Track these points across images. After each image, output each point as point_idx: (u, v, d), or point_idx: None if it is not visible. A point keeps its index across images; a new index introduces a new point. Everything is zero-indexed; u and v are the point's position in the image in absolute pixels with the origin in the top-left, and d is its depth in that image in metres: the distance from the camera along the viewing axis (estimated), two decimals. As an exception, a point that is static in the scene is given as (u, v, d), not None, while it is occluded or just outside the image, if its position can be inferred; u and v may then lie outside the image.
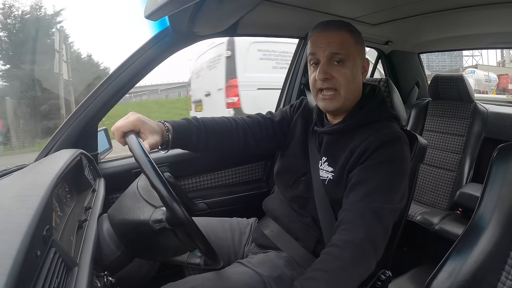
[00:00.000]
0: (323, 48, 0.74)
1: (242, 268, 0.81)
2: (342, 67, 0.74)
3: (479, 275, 0.63)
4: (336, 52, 0.73)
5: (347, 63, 0.74)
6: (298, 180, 0.86)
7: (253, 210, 1.03)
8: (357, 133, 0.76)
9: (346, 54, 0.74)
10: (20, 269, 0.36)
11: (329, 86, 0.75)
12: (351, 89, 0.76)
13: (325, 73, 0.74)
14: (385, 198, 0.67)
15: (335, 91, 0.75)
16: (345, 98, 0.76)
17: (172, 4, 0.65)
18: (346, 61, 0.74)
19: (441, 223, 1.39)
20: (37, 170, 0.70)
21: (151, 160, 0.59)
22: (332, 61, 0.74)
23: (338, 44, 0.73)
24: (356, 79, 0.77)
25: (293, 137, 0.91)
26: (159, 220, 0.63)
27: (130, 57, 1.02)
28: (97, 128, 1.06)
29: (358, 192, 0.69)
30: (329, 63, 0.74)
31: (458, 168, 1.60)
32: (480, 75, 10.57)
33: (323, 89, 0.76)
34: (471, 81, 10.54)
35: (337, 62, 0.74)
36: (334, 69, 0.74)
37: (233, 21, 1.04)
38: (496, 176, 0.69)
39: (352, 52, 0.74)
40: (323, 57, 0.74)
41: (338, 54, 0.73)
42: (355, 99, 0.79)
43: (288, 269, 0.80)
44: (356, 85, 0.78)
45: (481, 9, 1.10)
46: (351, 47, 0.75)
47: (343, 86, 0.75)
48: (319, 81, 0.75)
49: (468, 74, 10.83)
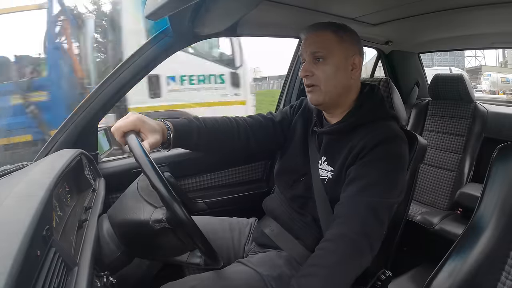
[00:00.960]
0: (306, 48, 0.80)
1: (242, 268, 0.81)
2: (323, 65, 0.78)
3: (479, 275, 0.63)
4: (316, 50, 0.78)
5: (328, 60, 0.77)
6: (298, 180, 0.86)
7: (253, 210, 1.03)
8: (356, 133, 0.77)
9: (326, 52, 0.77)
10: (20, 269, 0.36)
11: (310, 82, 0.79)
12: (331, 84, 0.78)
13: (306, 70, 0.79)
14: (381, 193, 0.68)
15: (316, 86, 0.79)
16: (325, 92, 0.78)
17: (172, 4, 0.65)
18: (327, 59, 0.77)
19: (441, 223, 1.39)
20: (37, 170, 0.70)
21: (151, 160, 0.59)
22: (314, 59, 0.78)
23: (318, 43, 0.78)
24: (339, 75, 0.78)
25: (293, 137, 0.91)
26: (159, 220, 0.63)
27: (130, 57, 1.02)
28: (97, 128, 1.06)
29: (354, 186, 0.70)
30: (312, 62, 0.79)
31: (458, 168, 1.60)
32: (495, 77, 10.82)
33: (306, 84, 0.80)
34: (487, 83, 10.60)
35: (318, 59, 0.78)
36: (316, 66, 0.78)
37: (233, 21, 1.04)
38: (496, 176, 0.69)
39: (334, 50, 0.77)
40: (306, 56, 0.80)
41: (318, 52, 0.77)
42: (341, 95, 0.80)
43: (288, 268, 0.80)
44: (340, 81, 0.79)
45: (481, 9, 1.10)
46: (333, 45, 0.78)
47: (323, 81, 0.78)
48: (303, 78, 0.80)
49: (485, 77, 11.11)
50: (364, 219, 0.65)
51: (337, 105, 0.81)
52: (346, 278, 0.63)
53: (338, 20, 0.83)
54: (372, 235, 0.65)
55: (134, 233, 0.67)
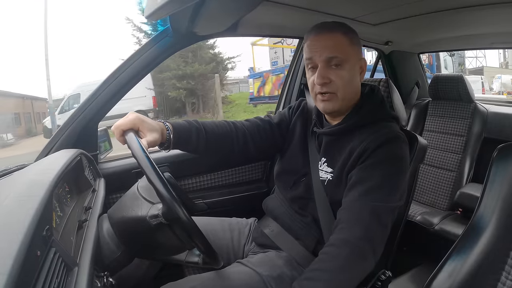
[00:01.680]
0: (319, 52, 0.74)
1: (242, 268, 0.81)
2: (340, 70, 0.74)
3: (479, 275, 0.63)
4: (332, 55, 0.73)
5: (345, 65, 0.74)
6: (298, 181, 0.86)
7: (253, 210, 1.03)
8: (356, 134, 0.76)
9: (342, 56, 0.73)
10: (20, 269, 0.36)
11: (328, 90, 0.75)
12: (348, 90, 0.76)
13: (323, 77, 0.74)
14: (384, 197, 0.67)
15: (333, 93, 0.75)
16: (342, 99, 0.76)
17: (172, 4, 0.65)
18: (343, 64, 0.74)
19: (441, 223, 1.39)
20: (37, 170, 0.70)
21: (148, 156, 0.59)
22: (330, 64, 0.74)
23: (333, 48, 0.73)
24: (354, 80, 0.77)
25: (293, 139, 0.90)
26: (155, 215, 0.63)
27: (130, 57, 1.02)
28: (97, 128, 1.06)
29: (356, 191, 0.69)
30: (327, 67, 0.74)
31: (458, 168, 1.60)
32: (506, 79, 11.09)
33: (322, 92, 0.76)
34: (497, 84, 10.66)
35: (335, 65, 0.74)
36: (332, 72, 0.74)
37: (233, 21, 1.04)
38: (496, 176, 0.69)
39: (348, 54, 0.74)
40: (320, 61, 0.74)
41: (335, 57, 0.73)
42: (352, 99, 0.79)
43: (288, 269, 0.80)
44: (354, 86, 0.78)
45: (481, 9, 1.10)
46: (347, 49, 0.74)
47: (341, 88, 0.74)
48: (317, 85, 0.75)
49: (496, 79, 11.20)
50: (367, 224, 0.65)
51: (344, 109, 0.80)
52: (349, 283, 0.63)
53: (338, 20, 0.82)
54: (375, 240, 0.65)
55: (132, 230, 0.67)
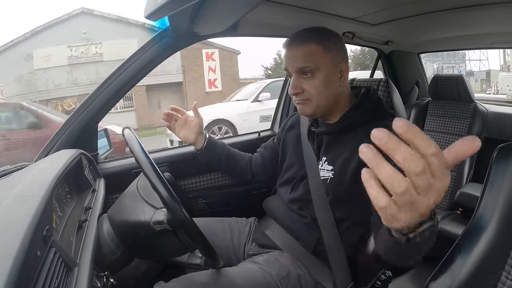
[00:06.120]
0: (292, 63, 0.77)
1: (252, 265, 0.80)
2: (311, 79, 0.76)
3: (479, 275, 0.63)
4: (302, 65, 0.75)
5: (317, 74, 0.76)
6: (297, 184, 0.87)
7: (253, 210, 1.03)
8: (356, 132, 0.77)
9: (313, 65, 0.75)
10: (20, 269, 0.36)
11: (301, 99, 0.78)
12: (323, 97, 0.77)
13: (295, 87, 0.77)
14: None
15: (307, 99, 0.78)
16: (317, 105, 0.78)
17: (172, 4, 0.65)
18: (315, 72, 0.76)
19: (441, 223, 1.39)
20: (37, 170, 0.70)
21: (151, 160, 0.59)
22: (302, 74, 0.76)
23: (303, 58, 0.75)
24: (330, 86, 0.77)
25: (287, 149, 0.95)
26: (160, 221, 0.63)
27: (130, 57, 1.02)
28: (97, 128, 1.06)
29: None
30: (300, 77, 0.77)
31: (458, 168, 1.59)
32: None
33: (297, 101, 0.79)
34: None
35: (305, 74, 0.76)
36: (304, 81, 0.77)
37: (233, 21, 1.03)
38: (496, 176, 0.69)
39: (320, 62, 0.75)
40: (292, 72, 0.77)
41: (305, 67, 0.75)
42: (330, 105, 0.80)
43: (294, 268, 0.80)
44: (331, 92, 0.78)
45: (481, 9, 1.10)
46: (319, 57, 0.75)
47: (315, 96, 0.77)
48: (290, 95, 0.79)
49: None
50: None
51: (330, 113, 0.81)
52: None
53: (338, 20, 0.83)
54: None
55: (134, 234, 0.67)
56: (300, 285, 0.78)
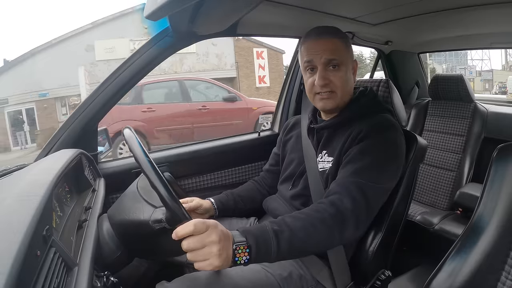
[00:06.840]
0: (319, 55, 0.80)
1: (255, 267, 0.80)
2: (337, 71, 0.80)
3: (479, 275, 0.63)
4: (331, 58, 0.79)
5: (342, 67, 0.80)
6: (297, 180, 0.89)
7: (253, 210, 1.03)
8: (354, 124, 0.81)
9: (340, 59, 0.80)
10: (20, 269, 0.36)
11: (328, 90, 0.81)
12: (346, 89, 0.82)
13: (324, 78, 0.79)
14: (372, 178, 0.71)
15: (333, 92, 0.81)
16: (341, 97, 0.82)
17: (172, 4, 0.65)
18: (340, 65, 0.80)
19: (441, 223, 1.39)
20: (37, 170, 0.70)
21: (151, 160, 0.59)
22: (328, 66, 0.80)
23: (332, 51, 0.79)
24: (350, 79, 0.83)
25: (287, 150, 0.98)
26: (158, 220, 0.63)
27: (130, 57, 1.02)
28: (97, 128, 1.06)
29: (348, 169, 0.74)
30: (326, 69, 0.80)
31: (458, 168, 1.60)
32: None
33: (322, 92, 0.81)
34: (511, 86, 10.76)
35: (333, 67, 0.80)
36: (331, 73, 0.80)
37: (233, 21, 1.03)
38: (496, 176, 0.69)
39: (344, 56, 0.81)
40: (320, 63, 0.80)
41: (334, 59, 0.79)
42: (348, 97, 0.85)
43: (295, 267, 0.81)
44: (350, 85, 0.84)
45: (481, 9, 1.10)
46: (343, 52, 0.81)
47: (340, 88, 0.80)
48: (318, 86, 0.80)
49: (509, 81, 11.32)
50: (353, 198, 0.69)
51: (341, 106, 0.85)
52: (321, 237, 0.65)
53: (338, 20, 0.84)
54: (361, 216, 0.68)
55: (134, 233, 0.67)
56: (302, 285, 0.79)
